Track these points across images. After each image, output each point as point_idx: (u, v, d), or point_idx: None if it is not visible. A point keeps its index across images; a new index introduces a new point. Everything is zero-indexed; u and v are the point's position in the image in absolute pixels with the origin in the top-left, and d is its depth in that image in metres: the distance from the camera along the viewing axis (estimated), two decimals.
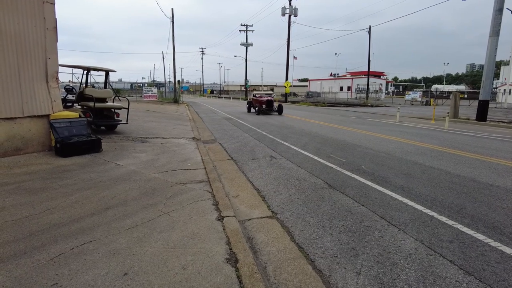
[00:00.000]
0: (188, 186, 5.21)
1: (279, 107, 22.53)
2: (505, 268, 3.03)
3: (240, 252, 3.14)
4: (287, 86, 49.86)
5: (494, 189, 5.38)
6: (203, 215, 4.03)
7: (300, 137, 11.31)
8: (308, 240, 3.56)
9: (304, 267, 3.01)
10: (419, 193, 5.12)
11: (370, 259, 3.15)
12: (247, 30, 63.26)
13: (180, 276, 2.71)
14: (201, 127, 14.27)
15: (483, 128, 15.70)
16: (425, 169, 6.66)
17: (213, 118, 18.90)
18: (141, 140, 9.50)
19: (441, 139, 11.39)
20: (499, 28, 17.65)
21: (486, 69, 18.50)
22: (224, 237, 3.46)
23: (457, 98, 20.65)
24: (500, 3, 17.39)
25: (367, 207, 4.51)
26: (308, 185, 5.53)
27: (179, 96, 39.52)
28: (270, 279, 2.85)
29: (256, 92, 25.03)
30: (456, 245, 3.46)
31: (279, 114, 21.90)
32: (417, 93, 48.80)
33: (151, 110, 22.34)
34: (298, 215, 4.24)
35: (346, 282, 2.79)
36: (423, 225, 3.93)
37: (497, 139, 11.84)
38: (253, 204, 4.62)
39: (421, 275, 2.89)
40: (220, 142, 10.07)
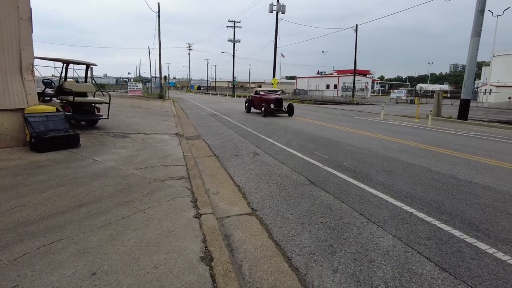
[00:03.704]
0: (167, 182, 5.09)
1: (289, 107, 18.85)
2: (479, 264, 3.04)
3: (216, 250, 3.06)
4: (275, 83, 49.75)
5: (472, 186, 5.45)
6: (180, 212, 3.93)
7: (285, 134, 11.27)
8: (286, 237, 3.50)
9: (281, 265, 2.95)
10: (400, 190, 5.14)
11: (348, 257, 3.11)
12: (235, 26, 62.84)
13: (151, 276, 2.61)
14: (186, 123, 14.07)
15: (465, 127, 16.01)
16: (406, 166, 6.71)
17: (199, 114, 18.70)
18: (122, 136, 9.28)
19: (423, 137, 11.55)
20: (480, 28, 17.99)
21: (468, 69, 18.85)
22: (200, 235, 3.37)
23: (440, 97, 21.01)
24: (481, 4, 17.72)
25: (347, 204, 4.49)
26: (290, 182, 5.49)
27: (165, 91, 39.00)
28: (245, 277, 2.78)
29: (260, 89, 21.03)
30: (433, 241, 3.46)
31: (289, 116, 18.60)
32: (402, 92, 49.53)
33: (135, 105, 21.94)
34: (278, 212, 4.19)
35: (322, 280, 2.75)
36: (402, 222, 3.93)
37: (477, 137, 12.08)
38: (233, 201, 4.54)
39: (397, 273, 2.87)
40: (204, 138, 9.95)
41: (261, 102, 19.04)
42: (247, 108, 21.02)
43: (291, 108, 18.82)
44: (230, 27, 63.08)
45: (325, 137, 10.72)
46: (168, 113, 18.17)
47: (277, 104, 18.34)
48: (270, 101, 18.42)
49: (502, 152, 8.89)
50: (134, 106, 20.92)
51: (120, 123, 11.78)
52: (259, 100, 19.48)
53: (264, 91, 20.35)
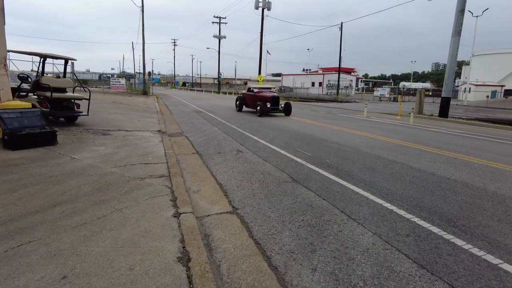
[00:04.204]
0: (147, 181, 4.97)
1: (286, 106, 17.42)
2: (455, 260, 3.08)
3: (194, 250, 2.99)
4: (260, 81, 49.69)
5: (450, 183, 5.55)
6: (158, 211, 3.84)
7: (269, 131, 11.24)
8: (267, 235, 3.46)
9: (260, 264, 2.91)
10: (381, 187, 5.18)
11: (327, 255, 3.10)
12: (220, 22, 62.34)
13: (125, 278, 2.53)
14: (169, 119, 13.87)
15: (445, 124, 16.36)
16: (388, 163, 6.78)
17: (183, 111, 18.47)
18: (102, 133, 9.05)
19: (405, 134, 11.73)
20: (460, 28, 18.37)
21: (448, 67, 19.26)
22: (178, 235, 3.29)
23: (421, 95, 21.41)
24: (462, 4, 18.09)
25: (328, 201, 4.49)
26: (272, 179, 5.45)
27: (148, 87, 38.38)
28: (223, 278, 2.73)
29: (253, 86, 19.25)
30: (412, 238, 3.49)
31: (286, 115, 17.12)
32: (385, 90, 50.31)
33: (118, 101, 21.50)
34: (259, 210, 4.15)
35: (301, 279, 2.72)
36: (382, 219, 3.95)
37: (456, 134, 12.35)
38: (214, 200, 4.47)
39: (376, 270, 2.87)
40: (187, 135, 9.81)
41: (255, 100, 17.48)
42: (239, 106, 19.22)
43: (288, 107, 17.40)
44: (215, 23, 62.53)
45: (309, 134, 10.74)
46: (151, 109, 17.88)
47: (274, 102, 16.84)
48: (267, 100, 16.88)
49: (479, 149, 9.11)
50: (116, 103, 20.49)
51: (101, 120, 11.50)
52: (253, 98, 17.92)
53: (258, 88, 18.77)
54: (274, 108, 16.86)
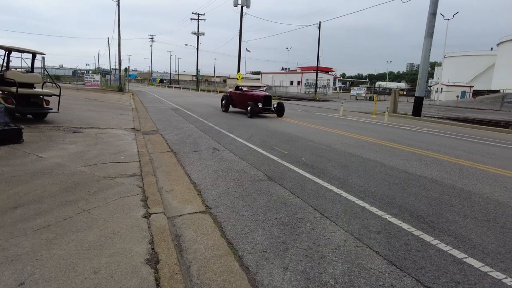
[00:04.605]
0: (117, 180, 4.81)
1: (278, 106, 15.96)
2: (423, 255, 3.15)
3: (163, 252, 2.91)
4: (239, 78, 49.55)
5: (421, 180, 5.70)
6: (128, 212, 3.72)
7: (247, 129, 11.20)
8: (239, 235, 3.42)
9: (231, 265, 2.86)
10: (354, 185, 5.24)
11: (299, 253, 3.09)
12: (199, 19, 61.61)
13: (89, 282, 2.42)
14: (144, 117, 13.55)
15: (418, 123, 16.86)
16: (362, 161, 6.89)
17: (159, 108, 18.11)
18: (74, 131, 8.72)
19: (380, 132, 11.98)
20: (433, 30, 18.96)
21: (421, 68, 19.86)
22: (148, 236, 3.19)
23: (396, 95, 21.97)
24: (433, 8, 18.67)
25: (302, 199, 4.50)
26: (248, 178, 5.41)
27: (124, 84, 37.43)
28: (193, 279, 2.66)
29: (241, 84, 17.39)
30: (383, 235, 3.54)
31: (279, 116, 15.82)
32: (362, 89, 51.31)
33: (92, 98, 20.82)
34: (233, 209, 4.10)
35: (272, 278, 2.70)
36: (354, 217, 4.00)
37: (428, 133, 12.75)
38: (187, 199, 4.38)
39: (347, 268, 2.89)
40: (162, 133, 9.60)
41: (244, 99, 16.01)
42: (225, 106, 17.55)
43: (281, 108, 15.93)
44: (194, 19, 61.75)
45: (286, 132, 10.78)
46: (126, 106, 17.43)
47: (265, 102, 15.45)
48: (258, 99, 15.36)
49: (449, 147, 9.43)
50: (90, 99, 19.85)
51: (72, 117, 11.08)
52: (242, 97, 16.38)
53: (248, 86, 17.06)
54: (266, 108, 15.51)
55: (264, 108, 15.42)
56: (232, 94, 17.52)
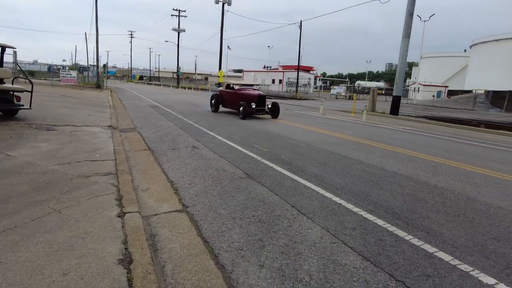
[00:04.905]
0: (91, 179, 4.68)
1: (273, 106, 14.89)
2: (397, 251, 3.22)
3: (137, 251, 2.84)
4: (221, 76, 49.28)
5: (397, 177, 5.83)
6: (101, 211, 3.61)
7: (227, 127, 11.14)
8: (216, 233, 3.39)
9: (206, 263, 2.83)
10: (331, 182, 5.30)
11: (276, 250, 3.10)
12: (180, 15, 60.80)
13: (57, 285, 2.33)
14: (122, 114, 13.25)
15: (396, 121, 17.27)
16: (339, 159, 6.99)
17: (138, 106, 17.76)
18: (47, 128, 8.42)
19: (358, 130, 12.19)
20: (410, 31, 19.44)
21: (399, 68, 20.33)
22: (121, 236, 3.11)
23: (374, 94, 22.41)
24: (411, 8, 19.13)
25: (280, 196, 4.51)
26: (226, 176, 5.38)
27: (102, 81, 36.46)
28: (167, 279, 2.62)
29: (234, 82, 16.48)
30: (359, 231, 3.60)
31: (273, 118, 14.78)
32: (342, 88, 52.12)
33: (67, 95, 20.18)
34: (210, 207, 4.06)
35: (247, 276, 2.68)
36: (330, 213, 4.04)
37: (405, 131, 13.08)
38: (163, 198, 4.31)
39: (322, 264, 2.91)
40: (139, 131, 9.42)
41: (236, 99, 14.92)
42: (214, 106, 16.45)
43: (275, 108, 14.86)
44: (174, 16, 60.91)
45: (266, 130, 10.80)
46: (103, 103, 16.99)
47: (259, 102, 14.34)
48: (251, 99, 14.28)
49: (425, 145, 9.70)
50: (65, 96, 19.23)
51: (46, 114, 10.70)
52: (233, 96, 15.33)
53: (240, 85, 16.12)
54: (260, 109, 14.41)
55: (257, 109, 14.29)
56: (222, 93, 16.36)
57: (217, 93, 16.84)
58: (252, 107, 14.05)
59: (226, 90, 16.13)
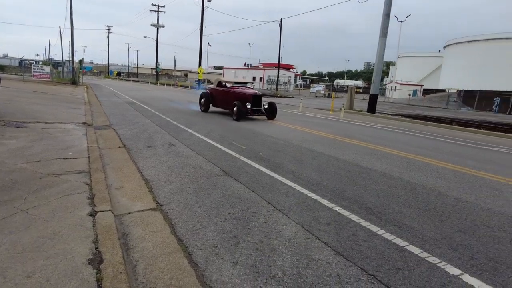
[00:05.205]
0: (63, 177, 4.53)
1: (270, 106, 13.84)
2: (369, 245, 3.28)
3: (108, 251, 2.78)
4: (201, 73, 48.84)
5: (371, 173, 5.95)
6: (72, 210, 3.51)
7: (206, 124, 11.05)
8: (190, 231, 3.36)
9: (180, 262, 2.80)
10: (308, 178, 5.36)
11: (250, 247, 3.10)
12: (159, 10, 59.71)
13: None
14: (98, 111, 12.90)
15: (373, 119, 17.65)
16: (316, 156, 7.07)
17: (114, 102, 17.33)
18: (16, 125, 8.08)
19: (335, 128, 12.38)
20: (387, 31, 19.86)
21: (376, 67, 20.76)
22: (92, 235, 3.03)
23: (352, 92, 22.80)
24: (387, 9, 19.55)
25: (256, 193, 4.52)
26: (203, 173, 5.34)
27: (78, 77, 35.34)
28: (139, 278, 2.57)
29: (226, 80, 15.23)
30: (333, 227, 3.65)
31: (269, 119, 13.71)
32: (321, 87, 52.81)
33: (40, 91, 19.44)
34: (186, 205, 4.01)
35: (221, 273, 2.67)
36: (306, 209, 4.08)
37: (381, 128, 13.39)
38: (137, 196, 4.23)
39: (296, 260, 2.94)
40: (115, 128, 9.19)
41: (229, 98, 13.74)
42: (204, 105, 15.10)
43: (273, 109, 13.81)
44: (153, 11, 59.76)
45: (245, 127, 10.79)
46: (78, 100, 16.48)
47: (255, 102, 13.17)
48: (246, 98, 13.09)
49: (400, 142, 9.97)
50: (38, 92, 18.52)
51: (16, 111, 10.27)
52: (225, 95, 14.08)
53: (233, 83, 15.06)
54: (255, 109, 13.24)
55: (253, 109, 13.09)
56: (213, 92, 15.04)
57: (207, 91, 15.49)
58: (247, 107, 12.85)
59: (217, 89, 14.87)
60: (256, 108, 13.27)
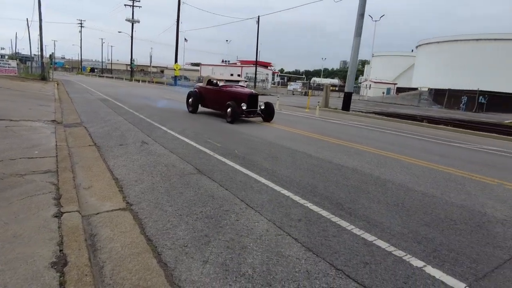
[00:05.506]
0: (27, 177, 4.34)
1: (267, 108, 12.54)
2: (338, 240, 3.36)
3: (73, 253, 2.70)
4: (177, 69, 48.13)
5: (343, 169, 6.08)
6: (36, 212, 3.37)
7: (182, 121, 10.91)
8: (161, 231, 3.31)
9: (148, 262, 2.76)
10: (281, 175, 5.41)
11: (221, 245, 3.09)
12: (134, 5, 58.25)
13: None
14: (68, 108, 12.45)
15: (347, 117, 18.00)
16: (290, 153, 7.14)
17: (87, 99, 16.78)
18: None
19: (310, 125, 12.54)
20: (361, 30, 20.27)
21: (351, 65, 21.18)
22: (57, 237, 2.93)
23: (327, 90, 23.17)
24: (361, 9, 19.94)
25: (230, 191, 4.51)
26: (176, 172, 5.27)
27: (48, 72, 33.93)
28: (105, 280, 2.51)
29: (217, 78, 13.60)
30: (303, 223, 3.70)
31: (266, 121, 12.55)
32: (298, 84, 53.35)
33: (5, 87, 18.52)
34: (156, 204, 3.95)
35: (190, 273, 2.66)
36: (278, 206, 4.12)
37: (355, 126, 13.68)
38: (107, 196, 4.12)
39: (266, 257, 2.96)
40: (86, 126, 8.91)
41: (221, 98, 12.47)
42: (192, 105, 13.72)
43: (269, 110, 12.56)
44: (128, 5, 58.23)
45: (221, 125, 10.73)
46: (48, 96, 15.84)
47: (251, 103, 11.96)
48: (241, 98, 11.91)
49: (372, 139, 10.23)
50: (3, 88, 17.64)
51: None
52: (217, 94, 12.78)
53: (225, 81, 13.46)
54: (251, 110, 12.02)
55: (249, 110, 11.89)
56: (202, 91, 13.64)
57: (195, 90, 14.05)
58: (242, 109, 11.65)
59: (207, 87, 13.43)
60: (252, 109, 12.08)
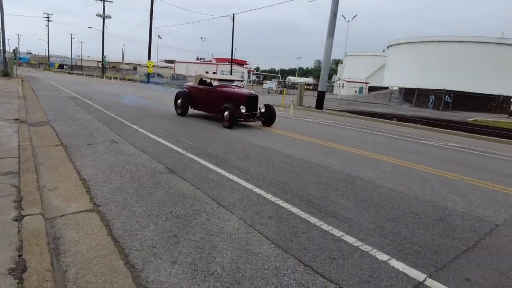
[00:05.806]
0: None
1: (268, 110, 11.31)
2: (307, 237, 3.42)
3: (34, 258, 2.59)
4: (150, 66, 47.19)
5: (315, 167, 6.19)
6: None
7: (154, 120, 10.70)
8: (128, 232, 3.24)
9: (115, 264, 2.70)
10: (254, 173, 5.43)
11: (190, 245, 3.07)
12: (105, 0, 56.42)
13: None
14: (34, 106, 11.89)
15: (320, 115, 18.31)
16: (263, 151, 7.19)
17: (54, 97, 16.10)
18: None
19: (284, 124, 12.67)
20: (334, 30, 20.66)
21: (324, 64, 21.57)
22: (16, 242, 2.81)
23: (302, 89, 23.47)
24: (334, 9, 20.32)
25: (202, 190, 4.48)
26: (146, 171, 5.17)
27: (11, 68, 32.25)
28: (68, 284, 2.43)
29: (210, 77, 12.42)
30: (274, 220, 3.74)
31: (266, 125, 11.34)
32: (273, 83, 53.59)
33: None
34: (125, 205, 3.86)
35: (158, 274, 2.62)
36: (249, 204, 4.14)
37: (328, 124, 13.95)
38: (73, 197, 3.98)
39: (236, 255, 2.97)
40: (53, 124, 8.55)
41: (215, 99, 11.17)
42: (182, 107, 12.27)
43: (270, 113, 11.35)
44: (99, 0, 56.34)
45: (195, 123, 10.62)
46: (11, 94, 15.06)
47: (250, 105, 10.73)
48: (239, 100, 10.58)
49: (344, 137, 10.47)
50: None
51: None
52: (211, 95, 11.42)
53: (219, 81, 12.13)
54: (251, 114, 10.79)
55: (248, 114, 10.63)
56: (193, 91, 12.14)
57: (185, 90, 12.57)
58: (241, 112, 10.35)
59: (199, 87, 11.97)
60: (251, 113, 10.86)
